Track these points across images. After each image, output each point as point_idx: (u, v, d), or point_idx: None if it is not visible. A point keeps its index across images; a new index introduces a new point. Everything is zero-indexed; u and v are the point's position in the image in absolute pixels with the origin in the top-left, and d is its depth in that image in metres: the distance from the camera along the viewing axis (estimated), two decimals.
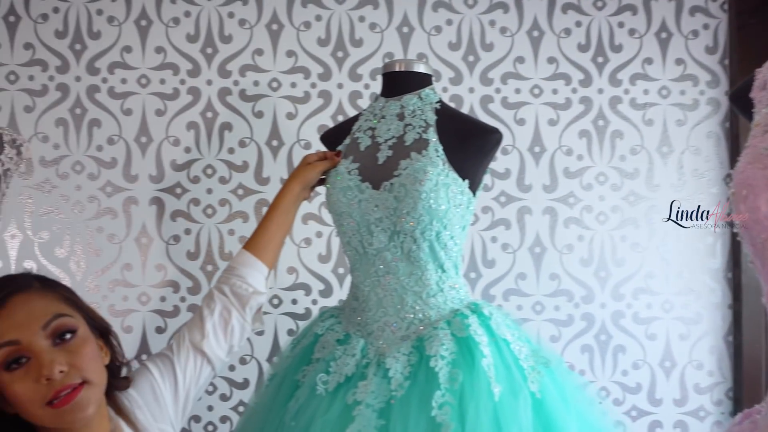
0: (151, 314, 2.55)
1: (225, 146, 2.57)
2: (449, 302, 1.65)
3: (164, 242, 2.56)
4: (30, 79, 2.53)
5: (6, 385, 1.21)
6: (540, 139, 2.60)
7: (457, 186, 1.63)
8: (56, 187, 2.53)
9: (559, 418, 1.55)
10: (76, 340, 1.27)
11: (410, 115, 1.72)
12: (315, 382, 1.63)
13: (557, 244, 2.61)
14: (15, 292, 1.27)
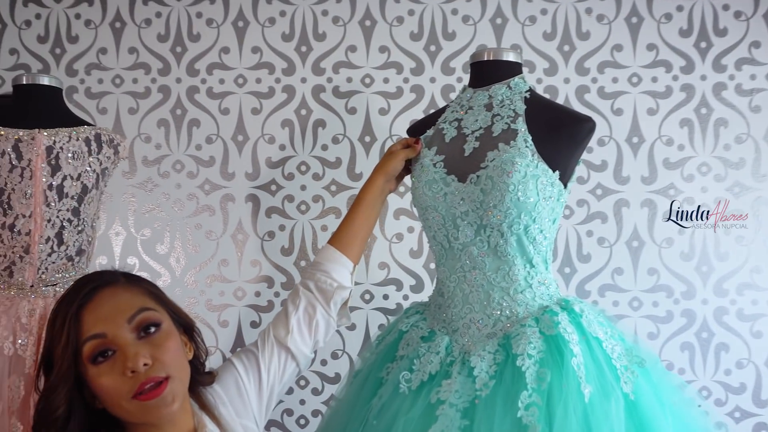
0: (247, 309, 2.57)
1: (318, 143, 2.56)
2: (538, 299, 1.57)
3: (259, 238, 2.57)
4: (134, 82, 2.60)
5: (93, 379, 1.23)
6: (638, 129, 2.49)
7: (547, 178, 1.55)
8: (158, 186, 2.59)
9: (655, 421, 1.45)
10: (161, 334, 1.27)
11: (498, 105, 1.64)
12: (398, 380, 1.59)
13: (656, 237, 2.48)
14: (102, 286, 1.28)
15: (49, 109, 1.97)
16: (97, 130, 1.97)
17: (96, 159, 1.95)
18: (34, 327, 1.84)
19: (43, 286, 1.89)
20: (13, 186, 1.85)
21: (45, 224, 1.87)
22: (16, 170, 1.85)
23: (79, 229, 1.93)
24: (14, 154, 1.86)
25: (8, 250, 1.86)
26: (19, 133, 1.87)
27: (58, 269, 1.91)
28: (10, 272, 1.87)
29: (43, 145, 1.87)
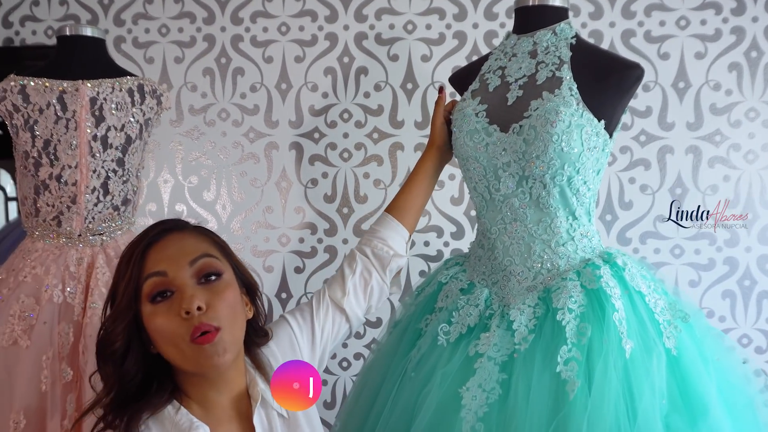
0: (291, 255, 2.54)
1: (361, 91, 2.49)
2: (580, 251, 1.50)
3: (303, 186, 2.53)
4: (179, 31, 2.54)
5: (149, 317, 1.19)
6: (685, 74, 2.35)
7: (592, 127, 1.45)
8: (204, 134, 2.55)
9: (697, 377, 1.39)
10: (220, 283, 1.23)
11: (543, 52, 1.54)
12: (437, 331, 1.54)
13: (700, 184, 2.36)
14: (171, 229, 1.26)
15: (93, 60, 1.92)
16: (140, 81, 1.92)
17: (139, 110, 1.90)
18: (81, 275, 1.83)
19: (90, 235, 1.88)
20: (59, 137, 1.82)
21: (91, 174, 1.85)
22: (62, 121, 1.82)
23: (124, 179, 1.90)
24: (59, 105, 1.82)
25: (56, 200, 1.84)
26: (64, 85, 1.83)
27: (105, 219, 1.89)
28: (59, 222, 1.85)
29: (87, 96, 1.83)
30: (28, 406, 1.71)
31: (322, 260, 2.54)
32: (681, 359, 1.39)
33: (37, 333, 1.76)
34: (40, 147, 1.82)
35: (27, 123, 1.81)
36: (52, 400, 1.73)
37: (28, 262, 1.83)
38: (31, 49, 2.60)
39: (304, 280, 2.55)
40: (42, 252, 1.84)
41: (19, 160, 1.86)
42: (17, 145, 1.84)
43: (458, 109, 1.61)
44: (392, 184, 2.49)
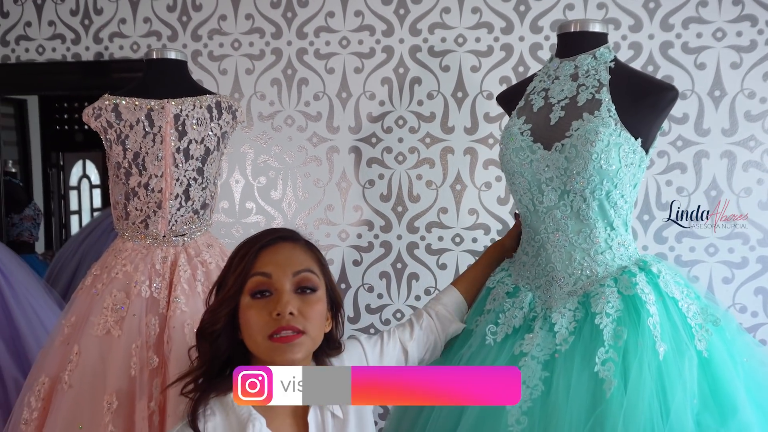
0: (349, 249, 2.59)
1: (415, 99, 2.51)
2: (617, 259, 1.51)
3: (361, 186, 2.57)
4: (250, 45, 2.60)
5: (245, 309, 1.27)
6: (721, 83, 2.31)
7: (629, 145, 1.46)
8: (271, 139, 2.61)
9: (727, 378, 1.39)
10: (313, 297, 1.30)
11: (584, 75, 1.55)
12: (485, 332, 1.57)
13: (735, 187, 2.33)
14: (285, 238, 1.33)
15: (176, 80, 1.98)
16: (217, 98, 1.98)
17: (217, 124, 1.97)
18: (166, 272, 1.90)
19: (174, 236, 1.95)
20: (147, 150, 1.89)
21: (174, 183, 1.91)
22: (149, 136, 1.89)
23: (203, 186, 1.97)
24: (147, 122, 1.89)
25: (144, 205, 1.91)
26: (151, 103, 1.90)
27: (186, 221, 1.95)
28: (146, 224, 1.93)
29: (172, 113, 1.90)
30: (119, 389, 1.78)
31: (377, 254, 2.59)
32: (712, 361, 1.39)
33: (128, 324, 1.82)
34: (131, 158, 1.89)
35: (119, 137, 1.89)
36: (140, 384, 1.79)
37: (119, 260, 1.90)
38: (117, 63, 2.69)
39: (362, 272, 2.60)
40: (131, 251, 1.92)
41: (112, 170, 1.93)
42: (110, 156, 1.92)
43: (506, 127, 1.63)
44: (443, 185, 2.52)
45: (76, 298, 1.93)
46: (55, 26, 2.75)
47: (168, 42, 2.63)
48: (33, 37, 2.77)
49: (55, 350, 1.88)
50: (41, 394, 1.84)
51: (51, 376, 1.85)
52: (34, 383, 1.87)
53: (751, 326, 2.36)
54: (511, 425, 1.39)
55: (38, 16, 2.76)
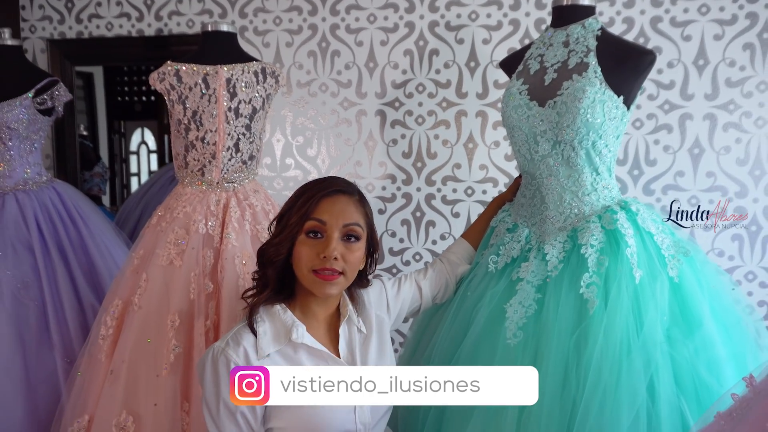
0: (375, 199, 2.67)
1: (433, 68, 2.56)
2: (601, 200, 1.57)
3: (385, 144, 2.64)
4: (289, 21, 2.65)
5: (299, 244, 1.37)
6: (704, 53, 2.33)
7: (612, 102, 1.52)
8: (308, 103, 2.68)
9: (694, 300, 1.46)
10: (355, 245, 1.39)
11: (574, 42, 1.60)
12: (488, 261, 1.65)
13: (715, 145, 2.36)
14: (343, 192, 1.41)
15: (227, 49, 2.04)
16: (263, 65, 2.05)
17: (262, 87, 2.03)
18: (219, 213, 1.97)
19: (225, 183, 2.01)
20: (203, 109, 1.96)
21: (226, 137, 1.98)
22: (205, 97, 1.96)
23: (250, 140, 2.04)
24: (203, 84, 1.96)
25: (200, 156, 1.99)
26: (207, 69, 1.97)
27: (236, 170, 2.03)
28: (202, 172, 2.00)
29: (224, 77, 1.97)
30: (180, 309, 1.86)
31: (399, 204, 2.66)
32: (682, 286, 1.46)
33: (187, 256, 1.90)
34: (189, 116, 1.97)
35: (180, 98, 1.97)
36: (198, 306, 1.86)
37: (180, 202, 1.98)
38: (175, 37, 2.77)
39: (386, 220, 2.68)
40: (190, 195, 1.99)
41: (174, 126, 2.01)
42: (172, 114, 2.00)
43: (507, 89, 1.69)
44: (457, 143, 2.58)
45: (143, 234, 2.03)
46: (121, 6, 2.82)
47: (219, 19, 2.70)
48: (103, 15, 2.85)
49: (127, 278, 1.98)
50: (115, 314, 1.95)
51: (123, 299, 1.95)
52: (109, 306, 1.97)
53: (728, 268, 2.41)
54: (508, 338, 1.48)
55: None
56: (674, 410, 1.32)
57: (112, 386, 1.88)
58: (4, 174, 2.33)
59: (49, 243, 2.27)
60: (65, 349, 2.18)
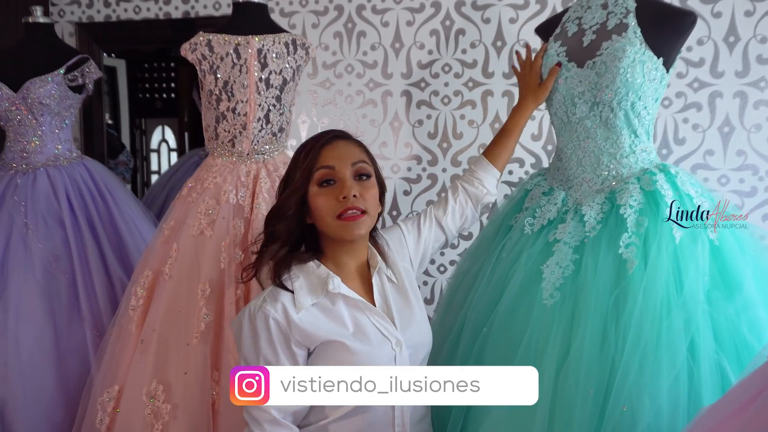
0: (400, 181, 2.66)
1: (459, 48, 2.55)
2: (640, 162, 1.55)
3: (411, 125, 2.63)
4: (315, 2, 2.65)
5: (314, 196, 1.37)
6: (735, 30, 2.30)
7: (652, 63, 1.50)
8: (333, 84, 2.68)
9: (736, 264, 1.44)
10: (369, 182, 1.40)
11: (613, 4, 1.59)
12: (524, 224, 1.63)
13: (746, 123, 2.33)
14: (340, 137, 1.43)
15: (258, 20, 2.04)
16: (293, 36, 2.04)
17: (293, 58, 2.03)
18: (249, 183, 1.96)
19: (255, 154, 2.01)
20: (234, 79, 1.96)
21: (257, 108, 1.98)
22: (236, 67, 1.96)
23: (280, 112, 2.04)
24: (235, 54, 1.96)
25: (231, 126, 1.99)
26: (238, 39, 1.97)
27: (266, 142, 2.03)
28: (233, 143, 2.00)
29: (255, 47, 1.96)
30: (211, 278, 1.86)
31: (425, 185, 2.65)
32: (722, 248, 1.44)
33: (218, 225, 1.90)
34: (221, 86, 1.97)
35: (212, 68, 1.97)
36: (228, 275, 1.86)
37: (210, 174, 1.98)
38: (202, 20, 2.78)
39: (411, 201, 2.67)
40: (220, 166, 1.99)
41: (205, 97, 2.01)
42: (204, 85, 2.00)
43: (544, 51, 1.68)
44: (483, 123, 2.56)
45: (174, 206, 2.03)
46: None
47: None
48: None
49: (157, 249, 1.98)
50: (146, 284, 1.95)
51: (154, 269, 1.96)
52: (139, 276, 1.98)
53: None
54: (545, 299, 1.46)
55: None
56: (715, 369, 1.30)
57: (142, 355, 1.88)
58: (35, 149, 2.34)
59: (79, 218, 2.29)
60: (95, 321, 2.19)
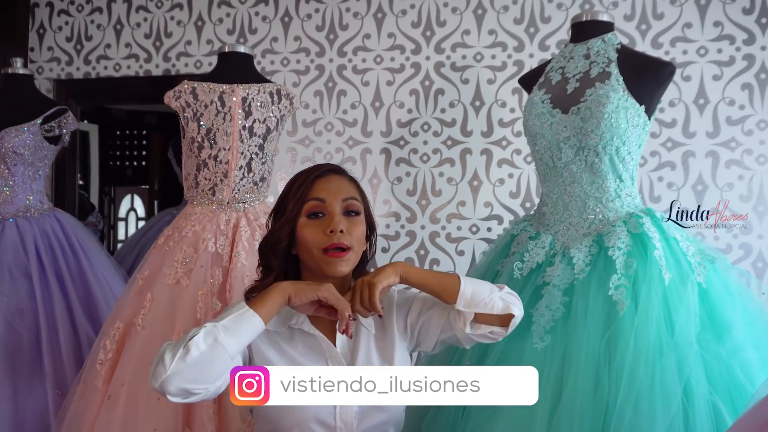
0: (379, 238, 2.60)
1: (438, 107, 2.60)
2: (625, 207, 1.57)
3: (390, 182, 2.64)
4: (297, 62, 2.71)
5: (302, 227, 1.34)
6: (704, 93, 2.39)
7: (635, 109, 1.55)
8: (313, 142, 2.70)
9: (723, 305, 1.44)
10: (357, 219, 1.37)
11: (595, 55, 1.65)
12: (512, 269, 1.62)
13: (718, 182, 2.39)
14: (334, 171, 1.41)
15: (243, 70, 2.06)
16: (278, 87, 2.06)
17: (277, 108, 2.04)
18: (229, 232, 1.93)
19: (236, 203, 1.99)
20: (218, 126, 1.96)
21: (239, 156, 1.97)
22: (220, 114, 1.96)
23: (263, 161, 2.03)
24: (219, 102, 1.97)
25: (212, 175, 1.97)
26: (223, 87, 1.98)
27: (247, 191, 2.01)
28: (213, 192, 1.98)
29: (240, 95, 1.98)
30: (186, 329, 1.76)
31: (403, 242, 2.64)
32: (710, 291, 1.44)
33: (195, 275, 1.85)
34: (204, 134, 1.96)
35: (195, 115, 1.97)
36: None
37: (189, 222, 1.95)
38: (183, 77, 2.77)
39: (389, 258, 2.64)
40: (200, 215, 1.96)
41: (186, 145, 2.00)
42: (186, 132, 1.99)
43: (528, 99, 1.72)
44: (462, 181, 2.58)
45: (149, 255, 1.98)
46: (130, 47, 2.89)
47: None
48: (111, 56, 2.90)
49: (130, 300, 1.92)
50: (116, 337, 1.87)
51: (125, 321, 1.88)
52: (109, 329, 1.90)
53: None
54: (535, 343, 1.44)
55: (117, 39, 2.90)
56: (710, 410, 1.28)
57: (109, 412, 1.79)
58: (6, 199, 2.29)
59: (47, 270, 2.21)
60: (58, 380, 2.09)
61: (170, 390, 1.15)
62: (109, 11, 2.91)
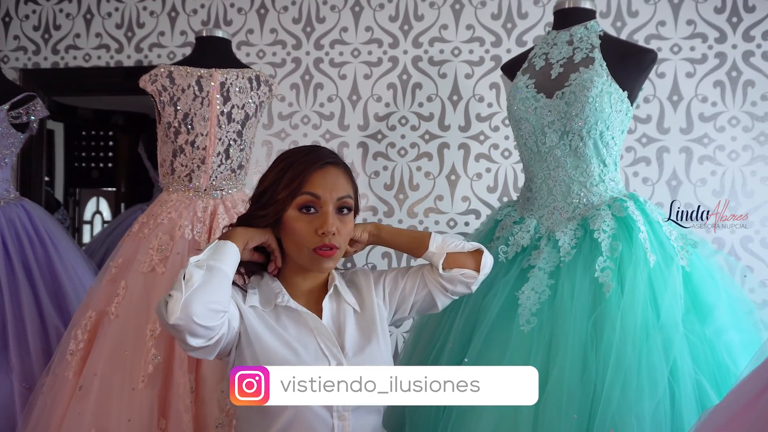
0: None
1: (416, 101, 2.60)
2: (609, 191, 1.58)
3: (367, 176, 2.62)
4: (273, 55, 2.67)
5: (292, 220, 1.30)
6: (678, 90, 2.44)
7: (618, 95, 1.56)
8: (289, 135, 2.66)
9: (705, 288, 1.46)
10: (348, 217, 1.35)
11: (578, 41, 1.65)
12: (497, 252, 1.61)
13: (692, 177, 2.43)
14: (333, 163, 1.35)
15: (222, 55, 2.03)
16: (257, 73, 2.03)
17: (255, 94, 2.01)
18: (206, 219, 1.90)
19: (213, 190, 1.95)
20: (195, 111, 1.92)
21: (217, 142, 1.93)
22: (198, 99, 1.92)
23: (241, 148, 1.99)
24: (197, 87, 1.93)
25: (189, 161, 1.93)
26: (201, 71, 1.94)
27: (225, 178, 1.97)
28: (190, 178, 1.94)
29: (218, 80, 1.94)
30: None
31: None
32: (693, 274, 1.45)
33: (171, 262, 1.81)
34: (180, 118, 1.92)
35: (171, 99, 1.92)
36: None
37: (164, 209, 1.90)
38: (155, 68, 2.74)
39: (366, 253, 2.62)
40: (176, 202, 1.92)
41: (162, 131, 1.95)
42: (162, 117, 1.94)
43: (512, 84, 1.72)
44: (439, 175, 2.58)
45: (122, 243, 1.93)
46: (101, 37, 2.81)
47: None
48: (81, 46, 2.82)
49: (102, 288, 1.86)
50: (88, 326, 1.82)
51: (98, 310, 1.83)
52: (80, 318, 1.84)
53: None
54: (522, 325, 1.43)
55: (87, 29, 2.83)
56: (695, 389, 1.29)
57: (80, 404, 1.72)
58: None
59: (14, 260, 2.14)
60: (25, 373, 2.02)
61: (196, 310, 1.13)
62: (79, 1, 2.84)
